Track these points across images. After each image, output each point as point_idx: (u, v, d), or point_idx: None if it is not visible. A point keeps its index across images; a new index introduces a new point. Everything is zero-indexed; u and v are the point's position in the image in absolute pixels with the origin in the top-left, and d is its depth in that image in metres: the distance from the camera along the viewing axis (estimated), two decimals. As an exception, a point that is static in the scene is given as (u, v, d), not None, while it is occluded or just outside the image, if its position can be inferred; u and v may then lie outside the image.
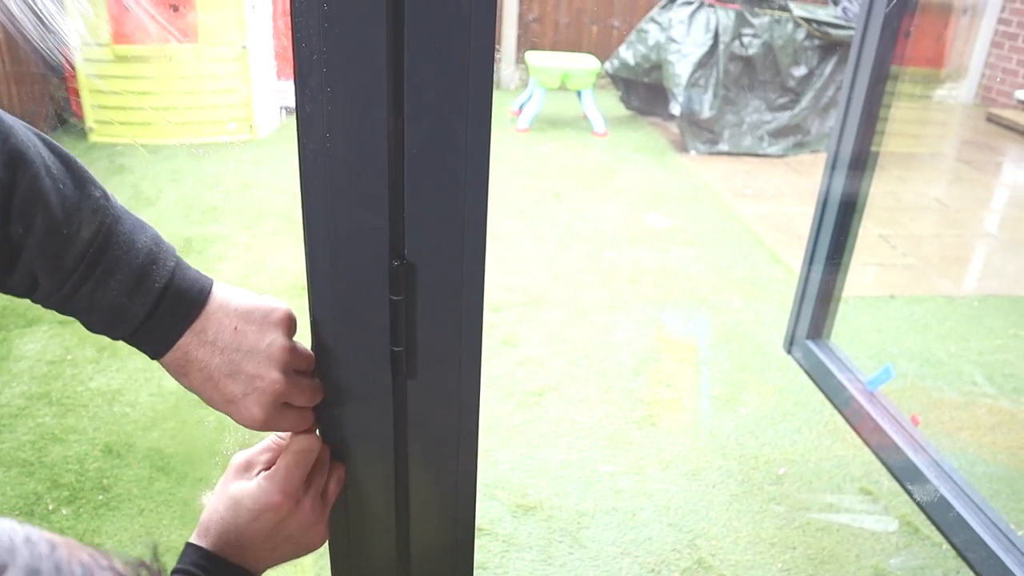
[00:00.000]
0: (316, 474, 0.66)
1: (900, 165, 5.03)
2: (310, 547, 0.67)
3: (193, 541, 0.62)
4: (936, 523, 1.47)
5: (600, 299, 3.24)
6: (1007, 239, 4.22)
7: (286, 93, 4.85)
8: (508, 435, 2.40)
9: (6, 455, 2.18)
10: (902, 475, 1.56)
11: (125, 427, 2.31)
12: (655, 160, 5.07)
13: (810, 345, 1.85)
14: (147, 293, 0.57)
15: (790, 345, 1.92)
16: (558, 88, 5.45)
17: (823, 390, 1.81)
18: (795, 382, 2.68)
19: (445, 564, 0.77)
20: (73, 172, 0.55)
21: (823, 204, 1.77)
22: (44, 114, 4.27)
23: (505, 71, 6.66)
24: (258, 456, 0.66)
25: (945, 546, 2.00)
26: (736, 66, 5.10)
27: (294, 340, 0.63)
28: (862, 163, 1.70)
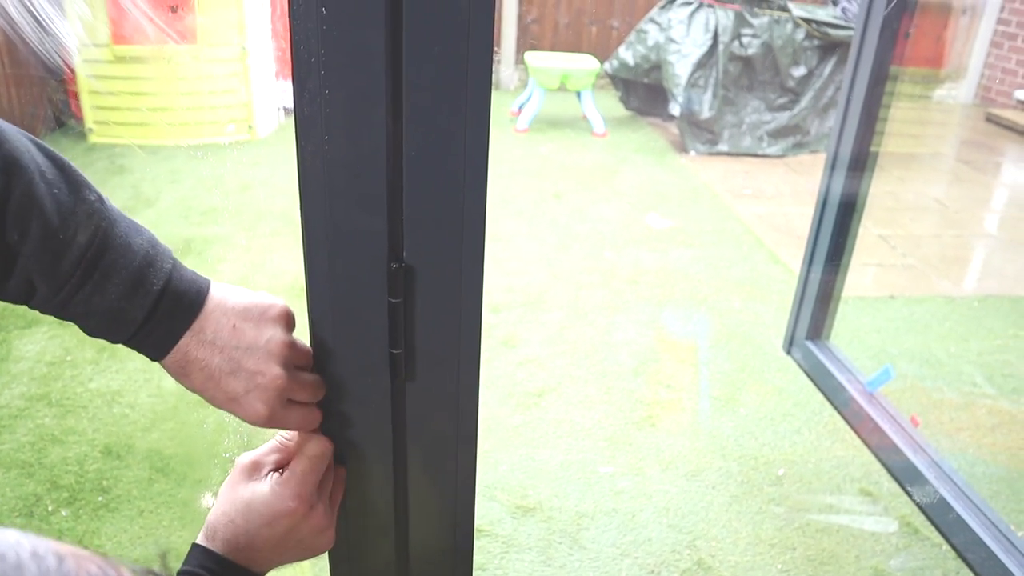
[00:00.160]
0: (325, 478, 0.66)
1: (900, 165, 5.03)
2: (317, 551, 0.67)
3: (200, 542, 0.62)
4: (936, 524, 1.47)
5: (600, 300, 3.23)
6: (1007, 239, 4.22)
7: (286, 94, 4.85)
8: (508, 436, 2.40)
9: (6, 456, 2.18)
10: (902, 476, 1.56)
11: (125, 428, 2.31)
12: (655, 160, 5.07)
13: (810, 346, 1.85)
14: (145, 296, 0.57)
15: (790, 346, 1.92)
16: (557, 88, 5.45)
17: (823, 391, 1.81)
18: (795, 383, 2.68)
19: (444, 566, 0.77)
20: (68, 176, 0.55)
21: (823, 204, 1.77)
22: (43, 116, 4.26)
23: (504, 72, 6.66)
24: (265, 457, 0.66)
25: (945, 547, 2.00)
26: (735, 66, 5.10)
27: (293, 336, 0.63)
28: (862, 163, 1.70)
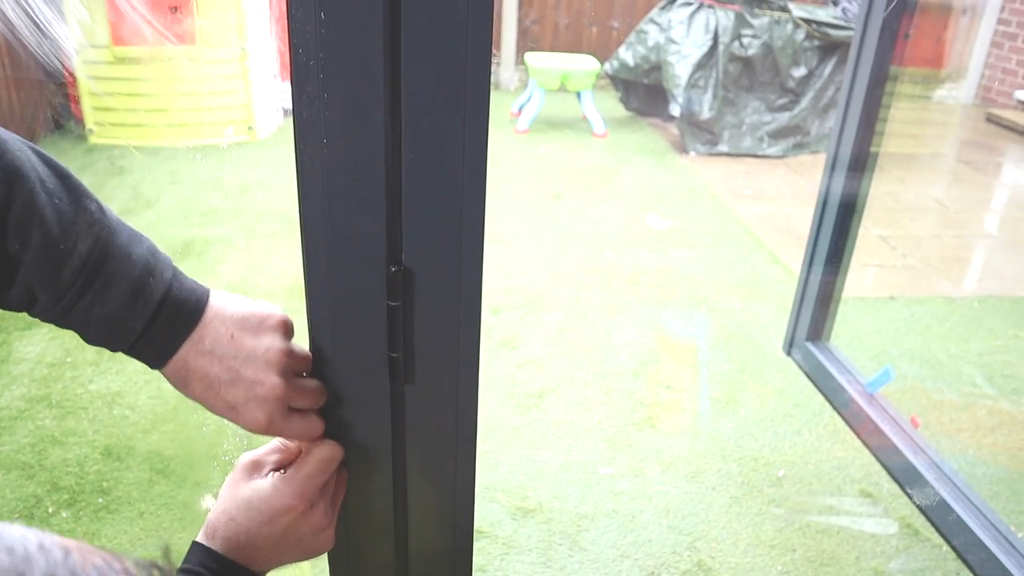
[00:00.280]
0: (328, 480, 0.66)
1: (900, 166, 5.03)
2: (317, 552, 0.67)
3: (200, 541, 0.62)
4: (936, 525, 1.47)
5: (600, 300, 3.23)
6: (1007, 240, 4.22)
7: (287, 95, 4.84)
8: (508, 437, 2.40)
9: (6, 458, 2.18)
10: (902, 477, 1.56)
11: (125, 430, 2.31)
12: (655, 161, 5.07)
13: (810, 347, 1.85)
14: (145, 306, 0.57)
15: (790, 347, 1.92)
16: (558, 89, 5.45)
17: (823, 392, 1.81)
18: (795, 384, 2.68)
19: (444, 567, 0.77)
20: (68, 186, 0.55)
21: (823, 205, 1.77)
22: (42, 119, 4.27)
23: (504, 72, 6.66)
24: (267, 457, 0.66)
25: (945, 548, 2.00)
26: (736, 67, 5.10)
27: (292, 342, 0.63)
28: (862, 164, 1.70)
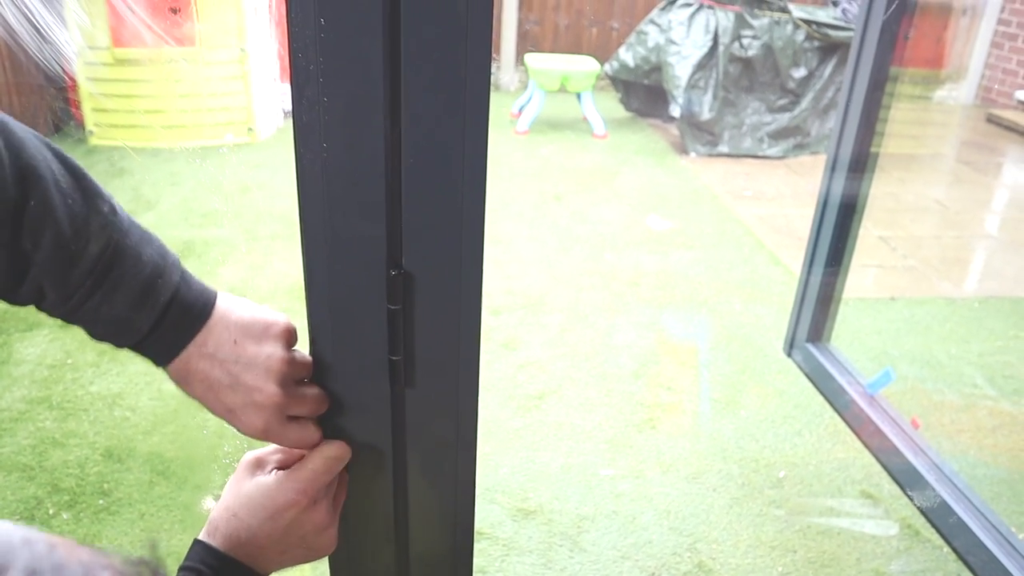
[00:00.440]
0: (333, 478, 0.66)
1: (900, 166, 5.03)
2: (319, 552, 0.67)
3: (202, 539, 0.62)
4: (937, 526, 1.47)
5: (600, 302, 3.23)
6: (1007, 240, 4.22)
7: (287, 96, 4.84)
8: (508, 439, 2.39)
9: (6, 459, 2.18)
10: (903, 478, 1.56)
11: (125, 431, 2.31)
12: (655, 162, 5.07)
13: (810, 348, 1.85)
14: (152, 307, 0.57)
15: (790, 348, 1.92)
16: (558, 90, 5.45)
17: (823, 393, 1.81)
18: (795, 385, 2.68)
19: (445, 569, 0.77)
20: (83, 186, 0.55)
21: (823, 206, 1.77)
22: (44, 122, 4.27)
23: (505, 74, 6.66)
24: (270, 455, 0.66)
25: (946, 550, 2.00)
26: (736, 68, 5.10)
27: (294, 350, 0.63)
28: (862, 164, 1.70)
